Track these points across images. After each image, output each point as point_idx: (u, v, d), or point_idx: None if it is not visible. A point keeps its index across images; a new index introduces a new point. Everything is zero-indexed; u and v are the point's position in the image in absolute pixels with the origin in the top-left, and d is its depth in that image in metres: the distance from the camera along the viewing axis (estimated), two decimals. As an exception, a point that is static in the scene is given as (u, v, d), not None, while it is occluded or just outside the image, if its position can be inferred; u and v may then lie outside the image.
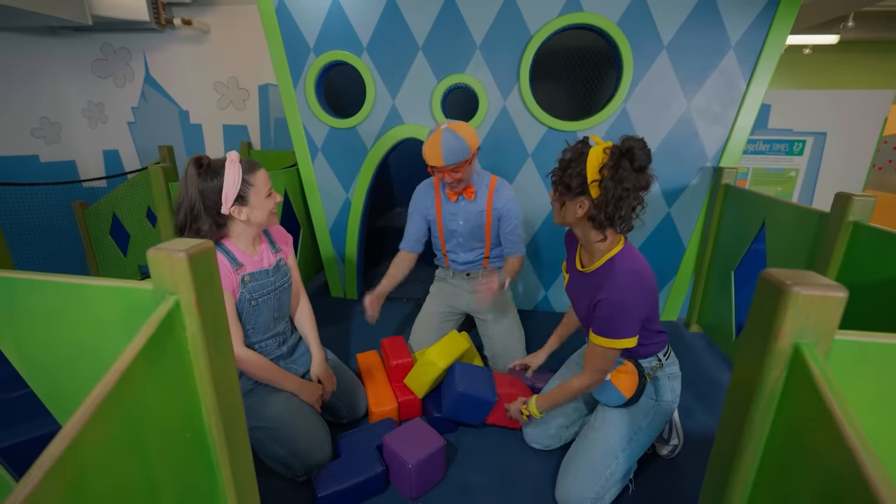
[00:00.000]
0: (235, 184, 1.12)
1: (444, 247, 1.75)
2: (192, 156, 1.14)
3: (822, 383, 0.47)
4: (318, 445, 1.21)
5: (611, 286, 1.01)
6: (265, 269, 1.26)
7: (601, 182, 0.96)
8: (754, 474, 0.57)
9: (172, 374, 0.62)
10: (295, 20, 1.99)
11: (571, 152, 1.01)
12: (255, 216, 1.18)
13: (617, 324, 1.02)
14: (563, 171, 1.02)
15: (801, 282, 0.49)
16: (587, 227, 1.06)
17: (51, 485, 0.43)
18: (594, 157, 0.97)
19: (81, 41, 3.51)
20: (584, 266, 1.15)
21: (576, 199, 1.00)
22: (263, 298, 1.25)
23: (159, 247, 0.60)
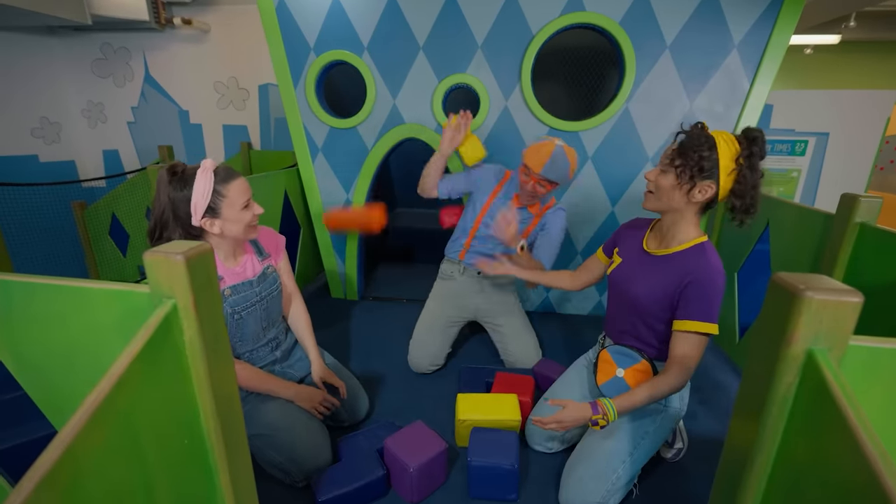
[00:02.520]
0: (205, 195, 1.04)
1: (474, 232, 1.69)
2: (168, 163, 1.08)
3: (837, 390, 0.46)
4: (316, 450, 1.18)
5: (707, 267, 1.00)
6: (248, 280, 1.19)
7: (739, 171, 0.96)
8: (765, 482, 0.56)
9: (170, 379, 0.61)
10: (295, 19, 1.98)
11: (697, 136, 0.99)
12: (228, 229, 1.10)
13: (714, 306, 1.00)
14: (693, 152, 0.97)
15: (814, 286, 0.48)
16: (690, 212, 1.04)
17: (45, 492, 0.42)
18: (727, 143, 0.97)
19: (81, 41, 3.50)
20: (652, 249, 1.12)
21: (704, 183, 0.99)
22: (248, 311, 1.19)
23: (156, 249, 0.59)
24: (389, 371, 1.78)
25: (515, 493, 1.16)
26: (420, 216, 3.41)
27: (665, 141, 1.93)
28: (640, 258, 1.15)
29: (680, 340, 1.03)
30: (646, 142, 1.94)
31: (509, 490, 1.15)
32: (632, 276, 1.15)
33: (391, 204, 3.67)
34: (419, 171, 1.76)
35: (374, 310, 2.33)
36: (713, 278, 0.99)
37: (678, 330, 1.03)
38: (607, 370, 1.18)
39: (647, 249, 1.14)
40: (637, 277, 1.13)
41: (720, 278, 1.00)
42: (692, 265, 1.01)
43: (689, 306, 1.01)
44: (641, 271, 1.12)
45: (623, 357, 1.17)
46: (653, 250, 1.12)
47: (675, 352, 1.04)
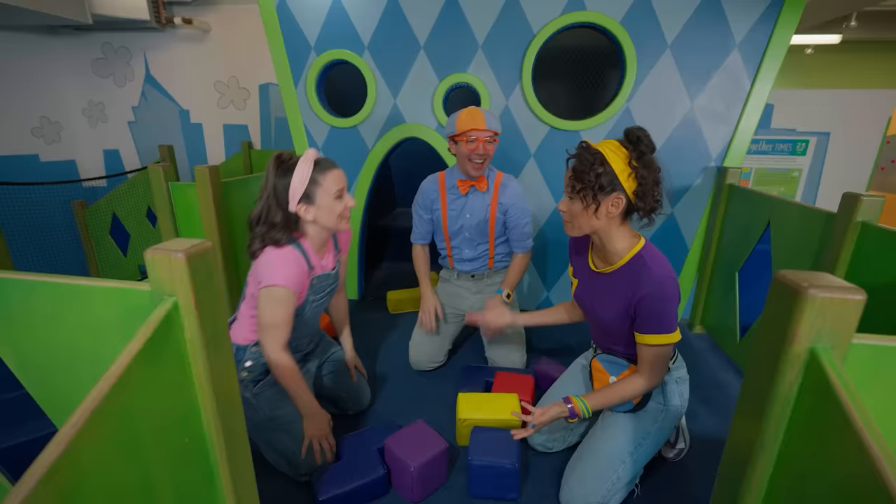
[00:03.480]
0: (303, 181, 1.11)
1: (449, 244, 1.73)
2: (276, 152, 1.15)
3: (840, 389, 0.45)
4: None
5: (649, 280, 1.00)
6: (329, 272, 1.28)
7: (636, 173, 0.98)
8: (767, 482, 0.56)
9: (170, 378, 0.60)
10: (296, 19, 1.98)
11: (585, 158, 1.00)
12: (321, 217, 1.16)
13: (665, 316, 1.01)
14: (586, 174, 0.99)
15: (817, 284, 0.48)
16: (613, 226, 1.04)
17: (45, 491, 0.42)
18: (614, 152, 0.98)
19: (82, 40, 3.50)
20: (598, 267, 1.14)
21: (609, 198, 0.99)
22: (323, 299, 1.29)
23: (157, 247, 0.59)
24: (389, 370, 1.77)
25: (516, 493, 1.15)
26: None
27: (666, 140, 1.93)
28: (591, 278, 1.17)
29: (643, 351, 1.07)
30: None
31: (510, 489, 1.14)
32: (592, 299, 1.17)
33: (391, 204, 3.67)
34: (420, 170, 1.77)
35: (373, 309, 2.33)
36: (660, 289, 1.00)
37: (642, 344, 1.06)
38: (601, 378, 1.21)
39: (594, 269, 1.15)
40: (596, 299, 1.15)
41: (668, 285, 1.00)
42: (638, 280, 1.02)
43: (644, 322, 1.03)
44: (597, 292, 1.14)
45: (612, 365, 1.19)
46: (600, 269, 1.13)
47: (642, 359, 1.08)
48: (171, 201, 1.72)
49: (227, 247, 1.69)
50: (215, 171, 1.65)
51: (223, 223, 1.70)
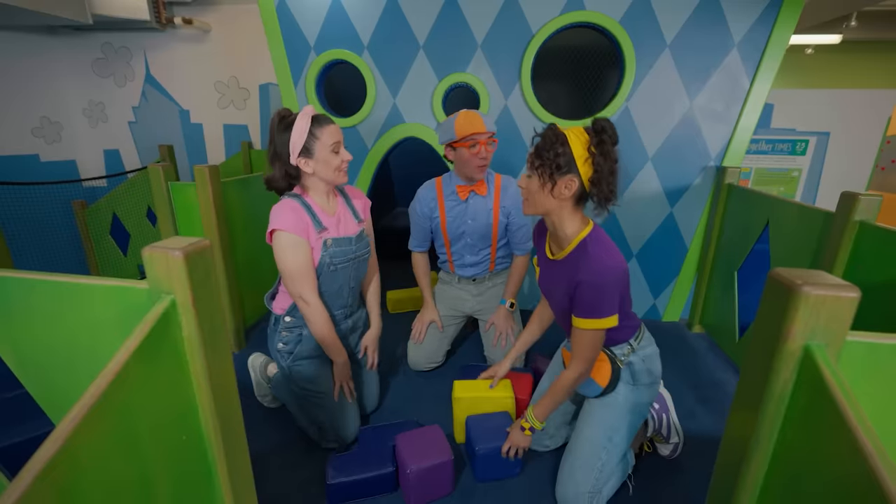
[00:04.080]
0: (302, 135, 1.17)
1: (449, 250, 1.72)
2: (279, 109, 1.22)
3: (835, 387, 0.46)
4: (353, 420, 1.32)
5: (587, 267, 1.02)
6: (349, 236, 1.30)
7: (593, 159, 0.99)
8: (762, 480, 0.56)
9: (168, 375, 0.61)
10: (295, 19, 1.98)
11: (549, 137, 1.02)
12: (320, 170, 1.21)
13: (598, 303, 1.02)
14: (547, 152, 1.01)
15: (811, 281, 0.48)
16: (566, 210, 1.06)
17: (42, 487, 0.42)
18: (577, 137, 1.00)
19: (82, 40, 3.50)
20: (553, 255, 1.15)
21: (564, 178, 1.01)
22: (343, 265, 1.29)
23: (155, 245, 0.59)
24: (389, 368, 1.78)
25: (518, 468, 1.24)
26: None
27: (665, 139, 1.93)
28: (548, 266, 1.18)
29: (576, 336, 1.08)
30: (646, 140, 1.94)
31: (513, 466, 1.22)
32: (549, 285, 1.18)
33: (391, 204, 3.67)
34: (419, 170, 1.78)
35: (374, 309, 2.33)
36: (596, 277, 1.01)
37: (574, 327, 1.08)
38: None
39: (549, 256, 1.17)
40: (551, 286, 1.16)
41: (605, 273, 1.01)
42: (578, 266, 1.04)
43: (578, 306, 1.05)
44: (552, 279, 1.15)
45: None
46: (554, 256, 1.15)
47: (574, 345, 1.10)
48: (171, 201, 1.73)
49: (226, 246, 1.69)
50: (215, 170, 1.65)
51: (223, 222, 1.70)
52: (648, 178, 1.99)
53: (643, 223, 2.05)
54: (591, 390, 1.16)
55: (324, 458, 1.27)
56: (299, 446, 1.36)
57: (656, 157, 1.96)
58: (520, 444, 1.20)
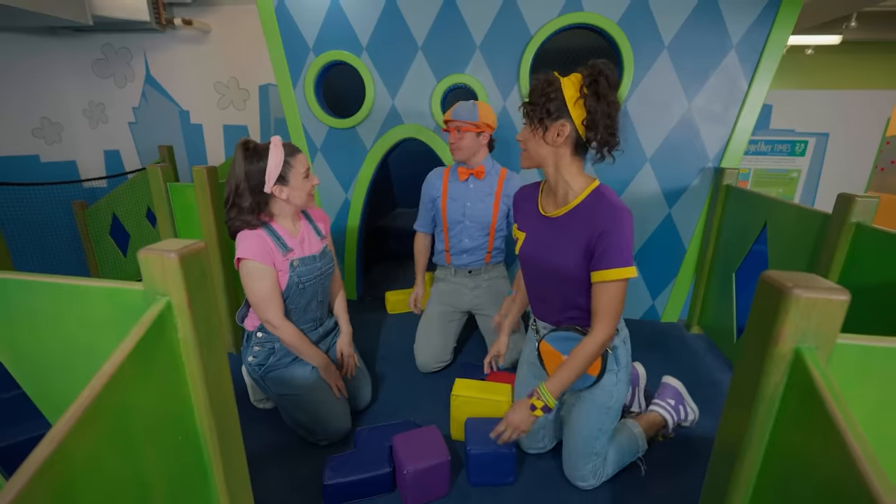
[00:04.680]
0: (278, 165, 1.21)
1: (447, 231, 1.76)
2: (240, 139, 1.24)
3: (824, 389, 0.46)
4: (336, 415, 1.35)
5: (609, 214, 0.96)
6: (313, 254, 1.35)
7: (585, 101, 0.94)
8: (754, 481, 0.56)
9: (164, 377, 0.61)
10: (294, 20, 1.99)
11: (541, 81, 0.98)
12: (293, 196, 1.27)
13: (623, 249, 0.96)
14: (537, 96, 0.97)
15: (802, 284, 0.48)
16: (563, 159, 1.01)
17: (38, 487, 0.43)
18: (571, 81, 0.96)
19: (82, 41, 3.50)
20: (549, 212, 1.08)
21: (555, 124, 0.97)
22: (311, 282, 1.34)
23: (150, 247, 0.59)
24: (388, 368, 1.78)
25: (513, 476, 1.22)
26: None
27: (664, 141, 1.93)
28: (542, 225, 1.10)
29: (601, 292, 1.00)
30: (644, 141, 1.94)
31: (507, 473, 1.21)
32: (543, 248, 1.09)
33: (390, 204, 3.67)
34: (418, 170, 1.79)
35: (372, 309, 2.33)
36: (621, 220, 0.96)
37: (598, 282, 0.99)
38: (554, 360, 1.13)
39: (545, 214, 1.09)
40: (549, 246, 1.07)
41: (626, 216, 0.97)
42: (598, 214, 0.98)
43: (605, 256, 0.97)
44: (551, 238, 1.07)
45: (564, 342, 1.11)
46: (552, 213, 1.07)
47: (599, 304, 1.01)
48: (170, 202, 1.73)
49: (224, 248, 1.70)
50: (213, 171, 1.66)
51: (221, 223, 1.70)
52: (647, 179, 1.99)
53: (642, 224, 2.05)
54: (582, 381, 1.11)
55: (321, 458, 1.28)
56: (296, 447, 1.37)
57: (655, 158, 1.96)
58: (519, 426, 1.06)
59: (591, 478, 1.19)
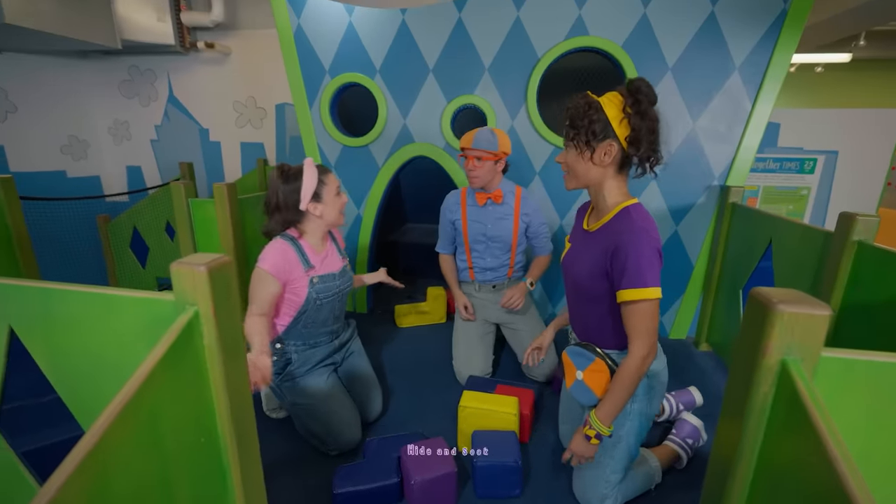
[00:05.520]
0: (312, 183, 1.32)
1: (469, 252, 1.82)
2: (277, 164, 1.36)
3: (808, 399, 0.49)
4: (347, 425, 1.37)
5: (632, 231, 0.96)
6: (333, 272, 1.42)
7: (629, 119, 0.97)
8: (748, 490, 0.58)
9: (189, 381, 0.66)
10: (311, 44, 2.09)
11: (580, 105, 1.00)
12: (327, 212, 1.36)
13: (640, 268, 0.95)
14: (580, 119, 0.99)
15: (786, 300, 0.52)
16: (608, 177, 1.03)
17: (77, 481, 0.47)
18: (610, 100, 0.98)
19: (110, 63, 3.69)
20: (589, 226, 1.11)
21: (602, 144, 0.99)
22: (328, 300, 1.41)
23: (182, 261, 0.65)
24: (397, 381, 1.81)
25: (519, 489, 1.23)
26: (429, 232, 3.47)
27: (669, 159, 1.96)
28: (582, 239, 1.13)
29: (626, 313, 1.00)
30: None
31: (513, 486, 1.22)
32: (571, 259, 1.13)
33: (401, 220, 3.74)
34: (428, 188, 1.86)
35: (382, 322, 2.37)
36: (637, 241, 0.94)
37: (621, 302, 1.00)
38: (570, 373, 1.15)
39: (585, 228, 1.13)
40: (574, 258, 1.12)
41: (645, 237, 0.95)
42: (616, 232, 0.99)
43: (623, 276, 0.97)
44: (580, 252, 1.11)
45: (579, 358, 1.13)
46: (590, 227, 1.10)
47: (628, 324, 1.01)
48: (191, 216, 1.81)
49: (241, 260, 1.77)
50: (232, 188, 1.73)
51: (239, 238, 1.77)
52: (652, 197, 2.02)
53: (648, 240, 2.08)
54: (586, 399, 1.11)
55: (331, 468, 1.30)
56: (307, 457, 1.40)
57: (660, 176, 1.99)
58: (583, 453, 1.06)
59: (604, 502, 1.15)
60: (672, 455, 1.35)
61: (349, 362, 1.55)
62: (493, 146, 1.63)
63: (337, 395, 1.41)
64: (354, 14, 2.02)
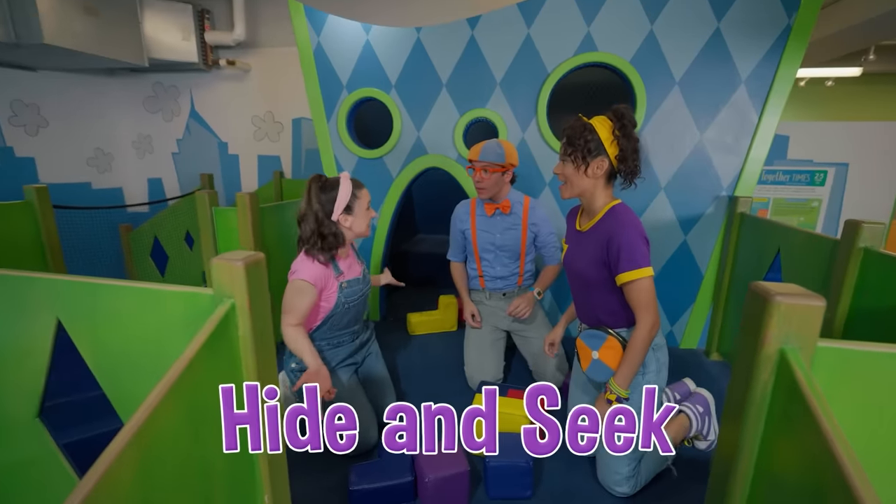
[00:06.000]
0: (346, 195, 1.39)
1: (479, 261, 1.87)
2: (313, 175, 1.41)
3: (806, 387, 0.52)
4: (367, 425, 1.41)
5: (620, 225, 1.17)
6: (357, 277, 1.50)
7: (618, 141, 1.16)
8: (751, 480, 0.61)
9: (225, 366, 0.71)
10: (330, 61, 2.18)
11: (577, 127, 1.19)
12: (356, 224, 1.43)
13: (633, 253, 1.14)
14: (577, 139, 1.18)
15: (783, 292, 0.55)
16: (598, 187, 1.22)
17: (129, 453, 0.52)
18: (601, 123, 1.18)
19: (136, 81, 3.85)
20: (581, 227, 1.30)
21: (595, 160, 1.18)
22: (355, 303, 1.48)
23: (220, 257, 0.70)
24: (410, 387, 1.84)
25: (530, 491, 1.25)
26: (440, 242, 3.52)
27: (678, 170, 2.01)
28: (577, 238, 1.32)
29: (628, 291, 1.18)
30: (658, 171, 2.02)
31: (525, 487, 1.24)
32: (573, 256, 1.32)
33: (413, 230, 3.80)
34: (440, 199, 1.92)
35: (395, 330, 2.41)
36: (626, 231, 1.15)
37: (622, 284, 1.18)
38: (586, 356, 1.29)
39: (578, 228, 1.32)
40: (576, 255, 1.30)
41: (631, 228, 1.16)
42: (607, 227, 1.19)
43: (619, 262, 1.16)
44: (579, 248, 1.29)
45: (593, 339, 1.28)
46: (582, 227, 1.30)
47: (632, 301, 1.19)
48: (214, 223, 1.89)
49: (261, 266, 1.84)
50: (254, 197, 1.81)
51: (259, 245, 1.84)
52: (662, 207, 2.06)
53: (657, 251, 2.10)
54: (603, 375, 1.25)
55: (347, 466, 1.34)
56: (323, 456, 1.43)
57: (668, 186, 2.03)
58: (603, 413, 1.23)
59: (625, 483, 1.24)
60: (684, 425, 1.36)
61: (367, 364, 1.60)
62: (500, 158, 1.68)
63: (357, 394, 1.45)
64: (371, 32, 2.11)
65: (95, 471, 0.48)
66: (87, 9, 2.68)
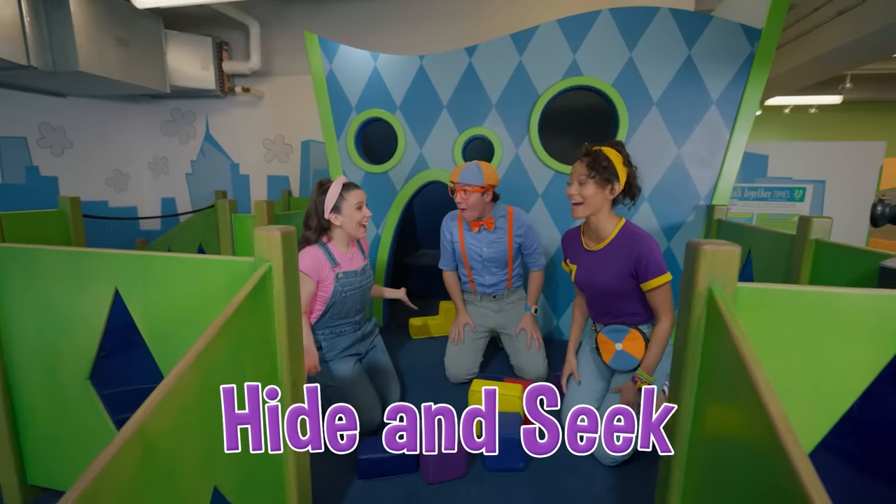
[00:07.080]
0: (334, 196, 1.54)
1: (469, 271, 1.99)
2: (318, 180, 1.60)
3: (726, 313, 0.66)
4: (369, 407, 1.52)
5: (640, 238, 1.35)
6: (355, 269, 1.64)
7: (627, 169, 1.38)
8: (694, 398, 0.75)
9: (261, 320, 0.85)
10: (341, 85, 2.40)
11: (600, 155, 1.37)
12: (345, 223, 1.57)
13: (658, 261, 1.33)
14: (600, 164, 1.36)
15: (709, 243, 0.71)
16: (606, 207, 1.40)
17: (191, 375, 0.66)
18: (614, 153, 1.38)
19: (155, 106, 4.11)
20: (591, 247, 1.46)
21: (614, 183, 1.37)
22: (352, 292, 1.61)
23: (261, 227, 0.86)
24: (411, 386, 1.95)
25: (523, 463, 1.36)
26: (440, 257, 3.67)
27: (659, 181, 2.18)
28: (588, 258, 1.47)
29: (653, 296, 1.36)
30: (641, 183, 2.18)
31: (517, 459, 1.35)
32: (592, 274, 1.45)
33: (414, 244, 3.96)
34: (440, 216, 2.06)
35: (396, 334, 2.53)
36: (649, 244, 1.34)
37: (648, 290, 1.35)
38: (608, 349, 1.47)
39: (589, 248, 1.47)
40: (596, 272, 1.44)
41: (650, 240, 1.35)
42: (631, 243, 1.36)
43: (647, 271, 1.33)
44: (597, 266, 1.44)
45: (616, 333, 1.46)
46: (594, 247, 1.45)
47: (656, 303, 1.37)
48: (233, 229, 2.05)
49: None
50: (271, 205, 1.98)
51: (273, 249, 2.01)
52: (647, 216, 2.22)
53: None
54: (627, 363, 1.43)
55: (355, 442, 1.45)
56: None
57: (651, 196, 2.20)
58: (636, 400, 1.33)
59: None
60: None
61: (372, 355, 1.72)
62: (479, 179, 1.74)
63: (361, 380, 1.57)
64: (379, 60, 2.34)
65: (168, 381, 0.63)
66: (119, 40, 2.93)
